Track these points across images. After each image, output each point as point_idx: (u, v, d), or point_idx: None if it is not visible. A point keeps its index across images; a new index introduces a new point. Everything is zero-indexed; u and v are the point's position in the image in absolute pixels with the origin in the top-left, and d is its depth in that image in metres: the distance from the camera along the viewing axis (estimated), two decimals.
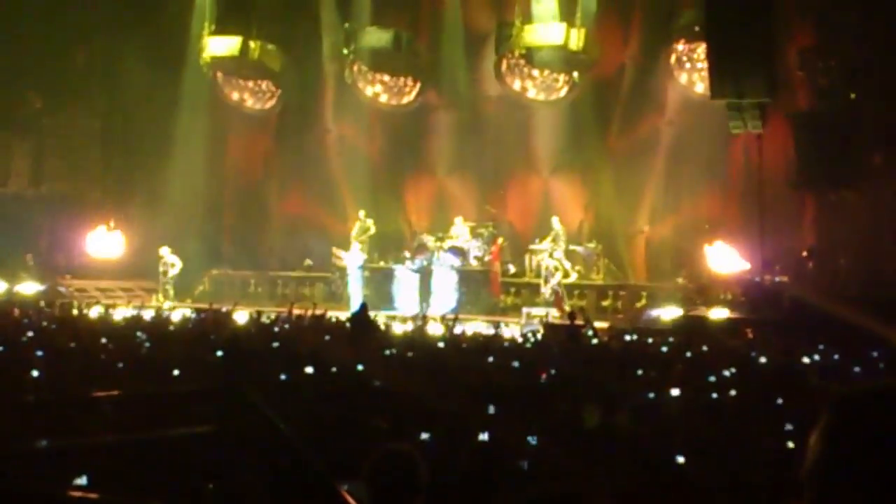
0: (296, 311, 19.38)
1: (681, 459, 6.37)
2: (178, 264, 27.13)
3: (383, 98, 28.88)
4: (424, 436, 6.59)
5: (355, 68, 28.42)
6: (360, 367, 10.49)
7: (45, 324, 17.02)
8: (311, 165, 29.44)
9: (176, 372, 10.11)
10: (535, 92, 27.39)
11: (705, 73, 22.73)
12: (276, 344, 13.30)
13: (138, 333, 14.65)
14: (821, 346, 14.11)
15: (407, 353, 12.92)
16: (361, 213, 27.12)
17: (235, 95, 29.46)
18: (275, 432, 6.31)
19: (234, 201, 30.86)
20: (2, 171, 29.55)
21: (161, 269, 27.22)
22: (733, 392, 9.54)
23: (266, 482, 5.37)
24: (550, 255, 24.76)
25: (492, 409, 7.90)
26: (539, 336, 17.81)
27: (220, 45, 28.22)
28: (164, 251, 27.21)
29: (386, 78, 28.65)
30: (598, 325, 20.02)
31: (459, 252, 25.89)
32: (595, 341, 16.19)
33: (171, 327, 17.70)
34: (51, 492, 4.90)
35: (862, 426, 1.83)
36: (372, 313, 18.01)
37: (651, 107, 26.56)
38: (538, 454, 6.37)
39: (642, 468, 6.29)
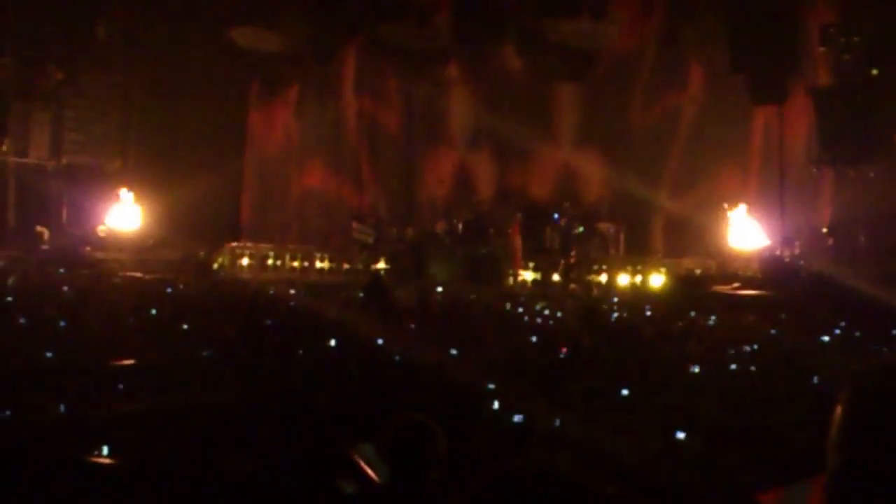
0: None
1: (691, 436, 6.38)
2: None
3: (404, 71, 28.72)
4: (442, 408, 6.60)
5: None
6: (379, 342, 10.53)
7: (67, 293, 17.11)
8: (331, 139, 29.41)
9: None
10: (557, 66, 27.22)
11: (727, 49, 22.59)
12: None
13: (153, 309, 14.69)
14: (842, 324, 14.05)
15: (423, 326, 12.96)
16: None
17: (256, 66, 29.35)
18: (290, 402, 6.35)
19: (254, 174, 30.85)
20: (22, 143, 29.59)
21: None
22: (753, 367, 9.53)
23: (281, 452, 5.40)
24: (569, 229, 24.73)
25: (510, 384, 7.93)
26: (558, 311, 17.78)
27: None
28: None
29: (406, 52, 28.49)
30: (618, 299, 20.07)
31: (477, 226, 25.81)
32: (614, 316, 16.19)
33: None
34: (73, 458, 4.95)
35: (881, 398, 1.90)
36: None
37: (673, 82, 26.41)
38: (555, 427, 6.39)
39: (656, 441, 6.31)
